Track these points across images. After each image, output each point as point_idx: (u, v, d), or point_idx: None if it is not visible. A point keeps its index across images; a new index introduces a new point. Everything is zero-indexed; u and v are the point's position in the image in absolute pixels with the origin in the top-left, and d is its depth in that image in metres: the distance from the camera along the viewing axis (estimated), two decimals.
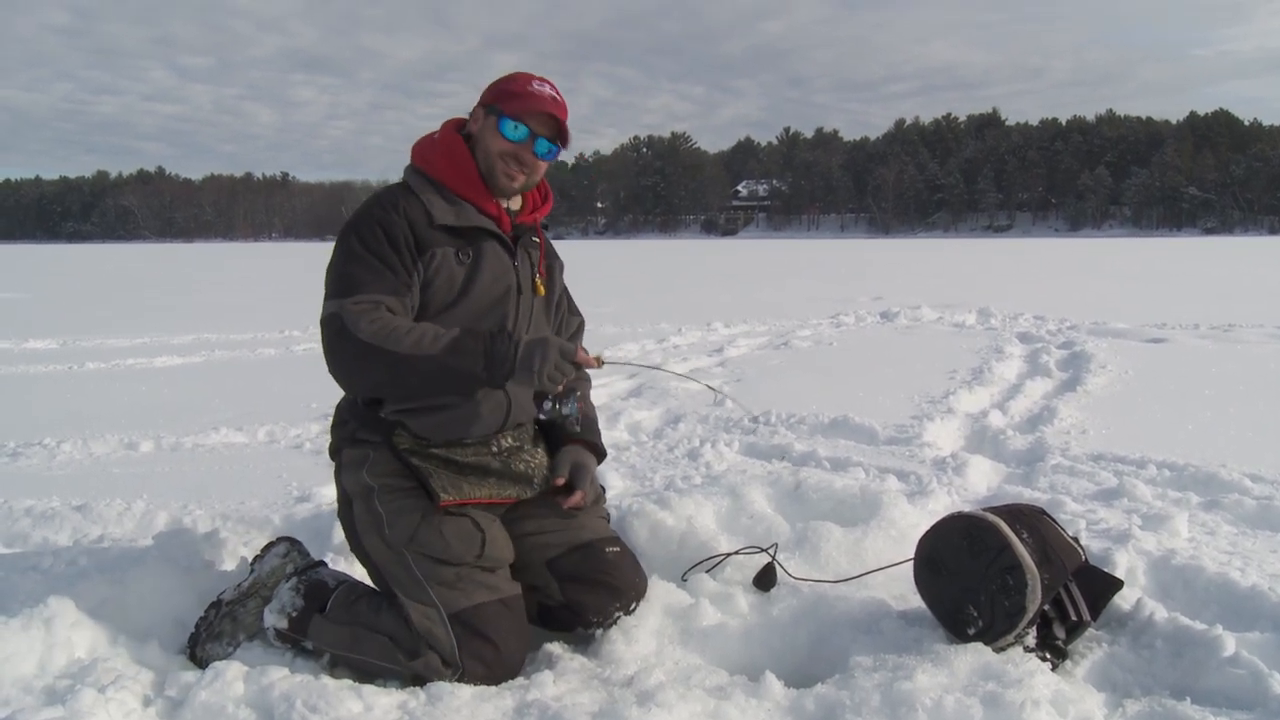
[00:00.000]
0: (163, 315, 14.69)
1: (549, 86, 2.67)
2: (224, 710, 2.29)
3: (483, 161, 2.65)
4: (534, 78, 2.68)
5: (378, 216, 2.56)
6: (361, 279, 2.49)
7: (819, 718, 2.30)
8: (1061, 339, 9.91)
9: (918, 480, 4.40)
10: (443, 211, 2.60)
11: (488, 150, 2.64)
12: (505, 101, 2.62)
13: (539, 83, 2.66)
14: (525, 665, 2.61)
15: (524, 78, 2.67)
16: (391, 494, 2.58)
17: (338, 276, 2.53)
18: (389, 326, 2.43)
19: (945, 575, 2.66)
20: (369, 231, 2.54)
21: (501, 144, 2.63)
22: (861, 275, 24.54)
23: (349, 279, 2.50)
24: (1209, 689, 2.41)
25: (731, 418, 5.99)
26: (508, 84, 2.66)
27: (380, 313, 2.45)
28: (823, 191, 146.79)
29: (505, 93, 2.64)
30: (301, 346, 10.66)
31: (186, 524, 3.71)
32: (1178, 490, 4.26)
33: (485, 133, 2.64)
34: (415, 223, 2.56)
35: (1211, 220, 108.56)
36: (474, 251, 2.62)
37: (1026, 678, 2.30)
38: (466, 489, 2.62)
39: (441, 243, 2.58)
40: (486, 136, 2.64)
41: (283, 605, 2.63)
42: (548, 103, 2.63)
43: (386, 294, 2.49)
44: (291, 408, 6.70)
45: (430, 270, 2.57)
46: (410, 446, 2.62)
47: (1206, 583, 3.02)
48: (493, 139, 2.63)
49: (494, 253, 2.66)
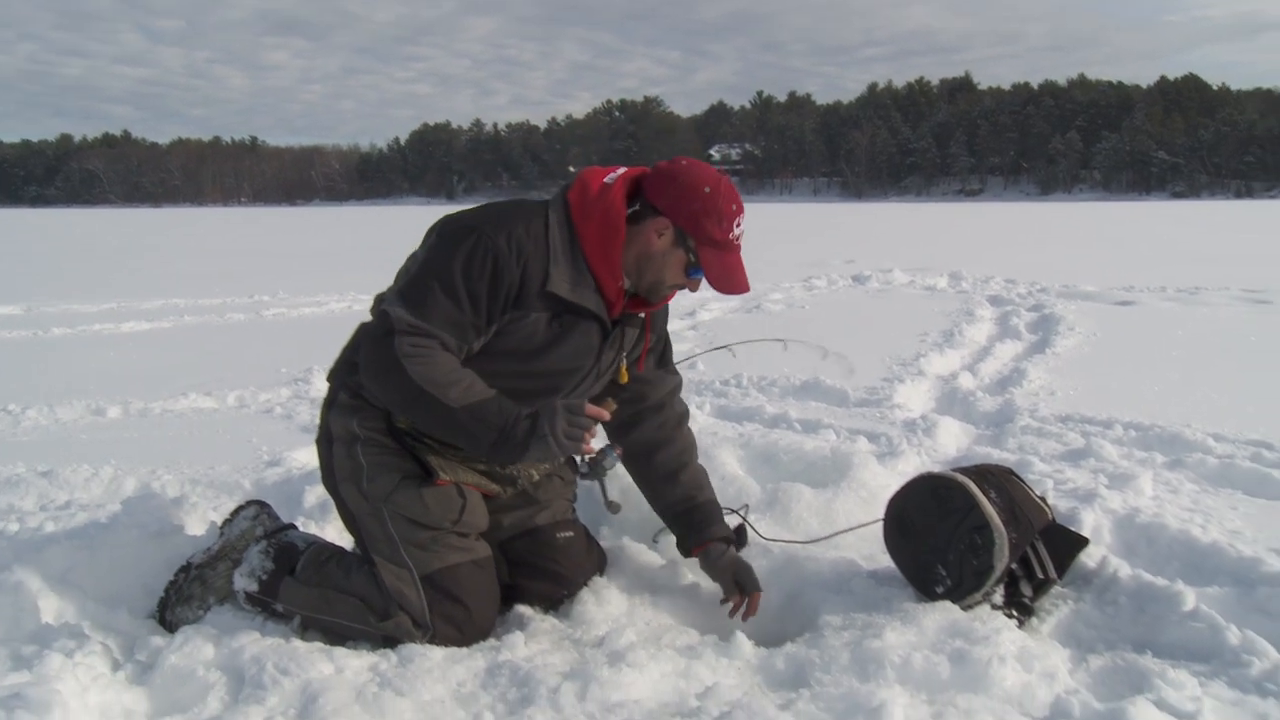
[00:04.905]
0: (130, 281, 14.45)
1: (742, 217, 2.49)
2: (194, 674, 2.28)
3: (642, 264, 2.48)
4: (737, 210, 2.47)
5: (497, 251, 2.33)
6: (437, 307, 2.33)
7: (789, 676, 2.32)
8: (1031, 302, 9.98)
9: (888, 442, 4.43)
10: (560, 281, 2.40)
11: (660, 270, 2.48)
12: (704, 246, 2.44)
13: (740, 221, 2.48)
14: (496, 627, 2.61)
15: (730, 216, 2.45)
16: (377, 448, 2.53)
17: (420, 283, 2.35)
18: (433, 364, 2.31)
19: (914, 535, 2.68)
20: (480, 261, 2.33)
21: (678, 278, 2.50)
22: (834, 239, 24.52)
23: (427, 298, 2.33)
24: (1169, 642, 2.46)
25: (704, 380, 5.99)
26: (714, 224, 2.43)
27: (432, 349, 2.33)
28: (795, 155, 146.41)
29: (709, 236, 2.43)
30: (271, 311, 10.54)
31: (155, 489, 3.69)
32: (1143, 450, 4.31)
33: (666, 253, 2.46)
34: (528, 279, 2.38)
35: (1180, 184, 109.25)
36: (566, 325, 2.46)
37: (993, 635, 2.33)
38: (461, 474, 2.59)
39: (540, 308, 2.41)
40: (665, 258, 2.46)
41: (252, 568, 2.61)
42: (740, 273, 2.50)
43: (451, 334, 2.35)
44: (262, 373, 6.63)
45: (515, 326, 2.42)
46: (407, 428, 2.56)
47: (1169, 540, 3.08)
48: (671, 269, 2.48)
49: (586, 331, 2.50)
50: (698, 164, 2.50)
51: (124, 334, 9.04)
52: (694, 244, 2.44)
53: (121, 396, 5.85)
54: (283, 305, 11.05)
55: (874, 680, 2.20)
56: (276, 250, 23.60)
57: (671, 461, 2.80)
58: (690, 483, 2.81)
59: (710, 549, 2.75)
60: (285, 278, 14.58)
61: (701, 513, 2.78)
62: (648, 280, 2.50)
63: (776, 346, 6.25)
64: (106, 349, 8.13)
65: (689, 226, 2.42)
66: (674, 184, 2.43)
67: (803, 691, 2.16)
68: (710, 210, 2.42)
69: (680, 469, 2.81)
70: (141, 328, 9.39)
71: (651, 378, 2.79)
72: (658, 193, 2.44)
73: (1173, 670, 2.26)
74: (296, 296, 11.83)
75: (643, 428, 2.80)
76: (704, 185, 2.42)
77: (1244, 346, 7.25)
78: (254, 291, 12.41)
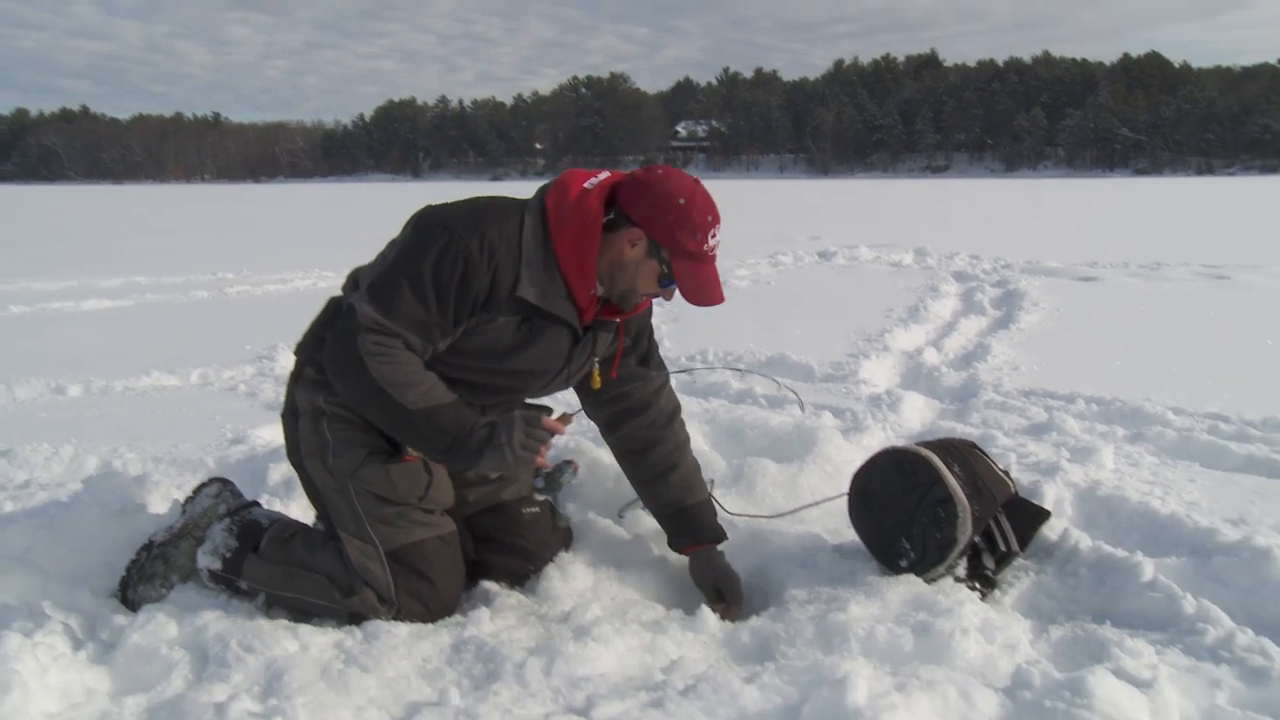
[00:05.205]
0: (90, 258, 14.16)
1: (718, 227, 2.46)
2: (157, 652, 2.26)
3: (615, 273, 2.45)
4: (713, 221, 2.43)
5: (468, 253, 2.30)
6: (404, 307, 2.30)
7: (754, 649, 2.34)
8: (996, 278, 10.04)
9: (853, 417, 4.45)
10: (528, 287, 2.37)
11: (632, 280, 2.45)
12: (678, 258, 2.40)
13: (715, 232, 2.44)
14: (462, 603, 2.61)
15: (705, 228, 2.40)
16: (343, 424, 2.50)
17: (390, 281, 2.33)
18: (394, 364, 2.31)
19: (878, 509, 2.70)
20: (450, 263, 2.30)
21: (651, 288, 2.47)
22: (800, 215, 24.51)
23: (395, 297, 2.31)
24: (1128, 612, 2.50)
25: (669, 356, 5.98)
26: (688, 236, 2.38)
27: (396, 349, 2.31)
28: (762, 132, 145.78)
29: (682, 248, 2.39)
30: (236, 289, 10.40)
31: (117, 467, 3.64)
32: (1104, 424, 4.37)
33: (639, 264, 2.42)
34: (498, 282, 2.35)
35: (1142, 161, 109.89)
36: (536, 329, 2.45)
37: (956, 607, 2.35)
38: None
39: (509, 312, 2.40)
40: (638, 268, 2.43)
41: (216, 546, 2.59)
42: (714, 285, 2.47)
43: (416, 334, 2.33)
44: (225, 350, 6.55)
45: (483, 328, 2.40)
46: None
47: (1129, 512, 3.12)
48: (644, 280, 2.45)
49: (555, 336, 2.48)
50: (674, 173, 2.45)
51: (85, 312, 8.89)
52: (667, 255, 2.40)
53: (82, 375, 5.76)
54: (247, 283, 10.88)
55: (838, 653, 2.22)
56: (241, 227, 23.22)
57: (661, 462, 2.78)
58: (681, 484, 2.78)
59: (698, 553, 2.75)
60: (249, 255, 14.34)
61: (691, 515, 2.77)
62: (620, 289, 2.47)
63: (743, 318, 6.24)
64: (66, 327, 8.00)
65: (662, 238, 2.39)
66: (648, 194, 2.39)
67: (768, 665, 2.17)
68: (684, 222, 2.38)
69: (670, 470, 2.78)
70: (102, 305, 9.24)
71: (635, 376, 2.75)
72: (632, 203, 2.39)
73: (1131, 639, 2.29)
74: (261, 274, 11.65)
75: (631, 427, 2.77)
76: (678, 196, 2.38)
77: (1203, 321, 7.35)
78: (218, 269, 12.21)
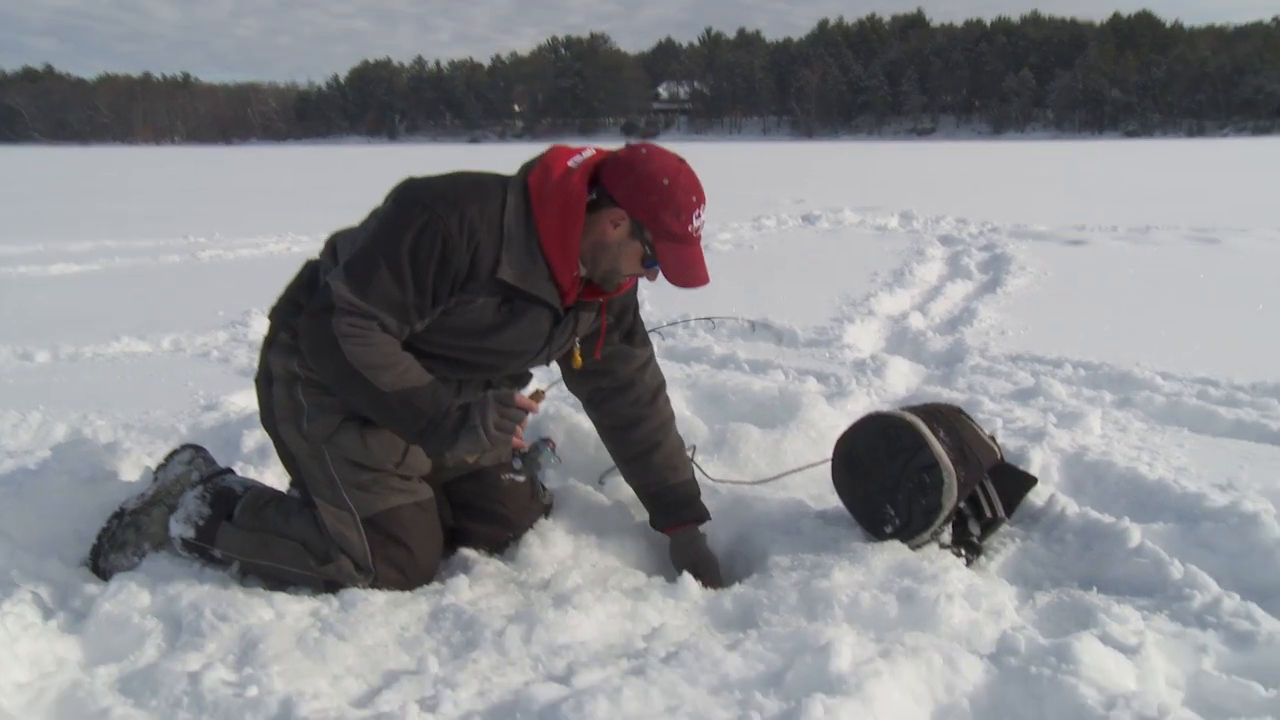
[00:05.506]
0: (57, 221, 13.82)
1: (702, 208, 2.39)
2: (129, 621, 2.24)
3: (597, 254, 2.40)
4: (697, 202, 2.36)
5: (447, 233, 2.25)
6: (380, 287, 2.25)
7: (737, 616, 2.32)
8: (982, 241, 10.00)
9: (837, 382, 4.43)
10: (509, 268, 2.32)
11: (614, 260, 2.39)
12: (661, 239, 2.34)
13: (699, 213, 2.38)
14: (440, 570, 2.58)
15: (689, 208, 2.34)
16: (317, 389, 2.46)
17: (366, 259, 2.27)
18: (369, 346, 2.26)
19: (863, 475, 2.67)
20: (429, 242, 2.25)
21: (634, 269, 2.42)
22: (783, 178, 24.36)
23: (371, 276, 2.25)
24: (1115, 578, 2.50)
25: (649, 320, 5.90)
26: (671, 217, 2.32)
27: (370, 330, 2.27)
28: (745, 94, 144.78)
29: (666, 230, 2.33)
30: (208, 253, 10.22)
31: (86, 434, 3.59)
32: (1092, 389, 4.35)
33: (621, 244, 2.37)
34: (478, 263, 2.30)
35: (1132, 123, 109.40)
36: (516, 310, 2.40)
37: (941, 574, 2.34)
38: None
39: (489, 292, 2.35)
40: (620, 249, 2.38)
41: (189, 514, 2.55)
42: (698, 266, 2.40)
43: (391, 315, 2.28)
44: (198, 316, 6.45)
45: (462, 309, 2.36)
46: None
47: (1117, 477, 3.11)
48: (626, 260, 2.39)
49: (536, 317, 2.43)
50: (658, 152, 2.39)
51: (52, 276, 8.73)
52: (650, 236, 2.35)
53: (50, 340, 5.65)
54: (219, 247, 10.71)
55: (822, 619, 2.21)
56: (212, 190, 22.80)
57: (645, 440, 2.74)
58: (664, 464, 2.74)
59: (679, 535, 2.72)
60: (222, 219, 14.02)
61: (673, 495, 2.74)
62: (602, 269, 2.42)
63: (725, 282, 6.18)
64: (33, 292, 7.86)
65: (645, 219, 2.33)
66: (631, 174, 2.33)
67: (750, 632, 2.15)
68: (668, 203, 2.32)
69: (653, 449, 2.74)
70: (71, 270, 9.06)
71: (618, 353, 2.70)
72: (615, 182, 2.34)
73: (1117, 605, 2.29)
74: (234, 238, 11.46)
75: (614, 404, 2.74)
76: (662, 177, 2.32)
77: (1192, 285, 7.33)
78: (189, 233, 11.98)
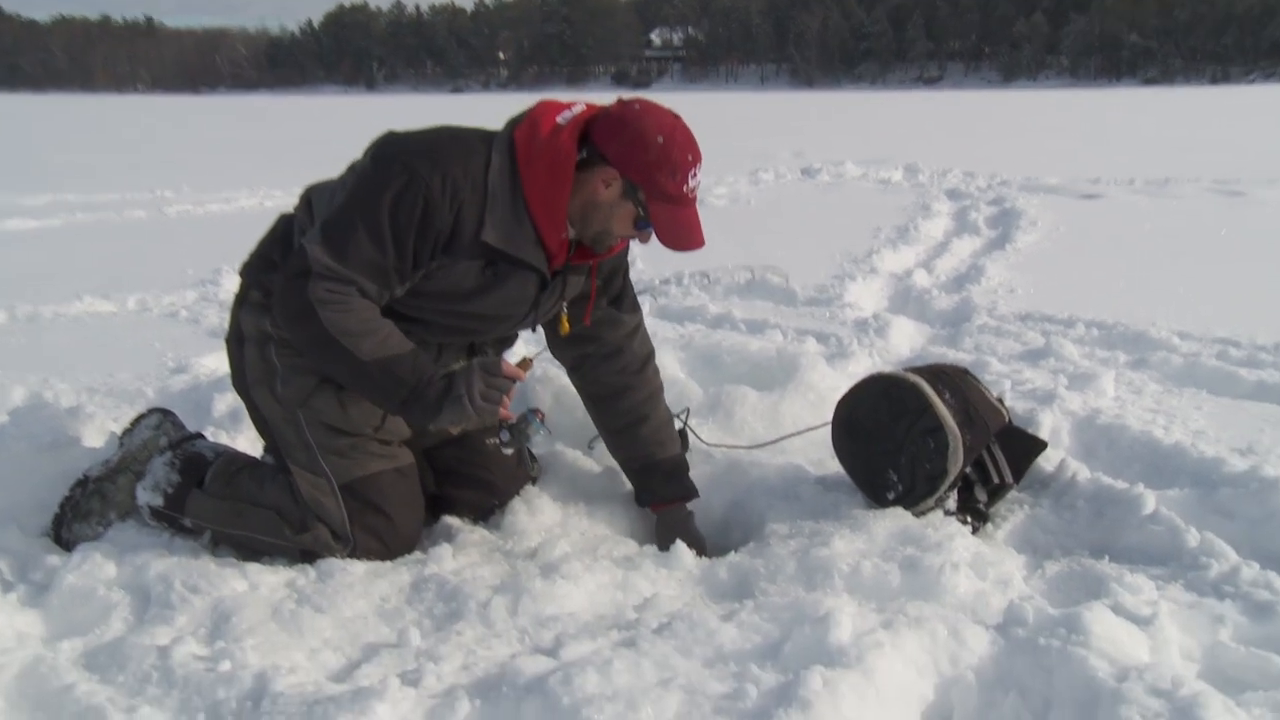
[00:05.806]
0: (11, 173, 13.42)
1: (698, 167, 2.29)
2: (94, 593, 2.19)
3: (587, 214, 2.31)
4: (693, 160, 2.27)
5: (429, 193, 2.16)
6: (359, 250, 2.16)
7: (732, 586, 2.29)
8: (991, 195, 9.81)
9: (838, 342, 4.33)
10: (493, 230, 2.24)
11: (606, 221, 2.31)
12: (655, 200, 2.26)
13: (695, 172, 2.28)
14: (422, 539, 2.53)
15: (685, 168, 2.25)
16: (291, 350, 2.37)
17: (344, 220, 2.19)
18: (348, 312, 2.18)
19: (864, 439, 2.63)
20: (409, 203, 2.16)
21: (626, 230, 2.33)
22: (782, 129, 24.00)
23: (349, 239, 2.16)
24: (1128, 546, 2.45)
25: (642, 278, 5.81)
26: (666, 177, 2.23)
27: (349, 296, 2.18)
28: (741, 40, 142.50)
29: (660, 190, 2.24)
30: (175, 208, 9.97)
31: (47, 398, 3.53)
32: (1105, 349, 4.26)
33: (613, 205, 2.28)
34: (461, 225, 2.22)
35: (1152, 70, 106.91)
36: (500, 274, 2.31)
37: (946, 541, 2.30)
38: None
39: (472, 255, 2.26)
40: (612, 210, 2.29)
41: (157, 481, 2.47)
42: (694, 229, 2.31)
43: (371, 279, 2.19)
44: (165, 274, 6.28)
45: (444, 272, 2.28)
46: None
47: (1130, 441, 3.05)
48: (618, 221, 2.31)
49: (522, 281, 2.34)
50: (652, 108, 2.30)
51: (7, 232, 8.48)
52: (644, 197, 2.26)
53: (6, 300, 5.48)
54: (187, 202, 10.45)
55: (821, 589, 2.17)
56: (180, 141, 22.16)
57: (632, 412, 2.67)
58: (650, 437, 2.67)
59: (665, 513, 2.66)
60: (190, 172, 13.39)
61: (659, 471, 2.68)
62: (593, 231, 2.35)
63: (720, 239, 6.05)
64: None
65: (639, 179, 2.25)
66: (624, 131, 2.24)
67: (746, 602, 2.09)
68: (662, 162, 2.23)
69: (640, 421, 2.67)
70: (28, 225, 8.81)
71: (606, 319, 2.62)
72: (606, 140, 2.24)
73: (1130, 574, 2.23)
74: (203, 192, 11.10)
75: (600, 372, 2.66)
76: (656, 134, 2.23)
77: (1214, 240, 7.19)
78: (155, 186, 11.58)
